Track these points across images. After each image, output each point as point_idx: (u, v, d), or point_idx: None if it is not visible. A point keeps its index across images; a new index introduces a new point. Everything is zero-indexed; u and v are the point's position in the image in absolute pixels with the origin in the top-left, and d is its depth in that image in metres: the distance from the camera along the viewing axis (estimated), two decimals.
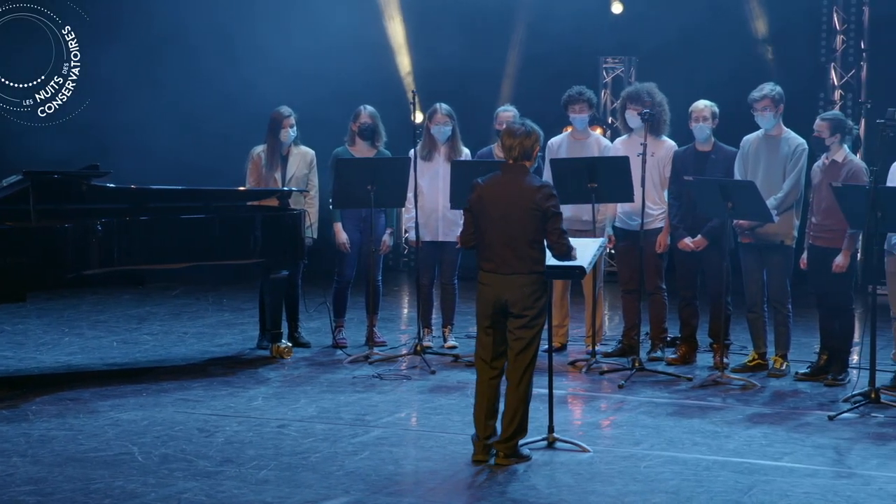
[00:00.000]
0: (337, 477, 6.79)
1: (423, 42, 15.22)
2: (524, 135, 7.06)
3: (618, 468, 6.98)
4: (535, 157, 7.15)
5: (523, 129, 7.09)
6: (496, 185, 7.07)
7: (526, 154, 7.07)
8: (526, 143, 7.05)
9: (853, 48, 14.48)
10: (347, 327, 10.68)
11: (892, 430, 7.82)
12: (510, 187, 7.01)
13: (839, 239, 8.97)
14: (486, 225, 7.06)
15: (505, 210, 6.98)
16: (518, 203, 6.95)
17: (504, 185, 7.04)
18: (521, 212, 6.94)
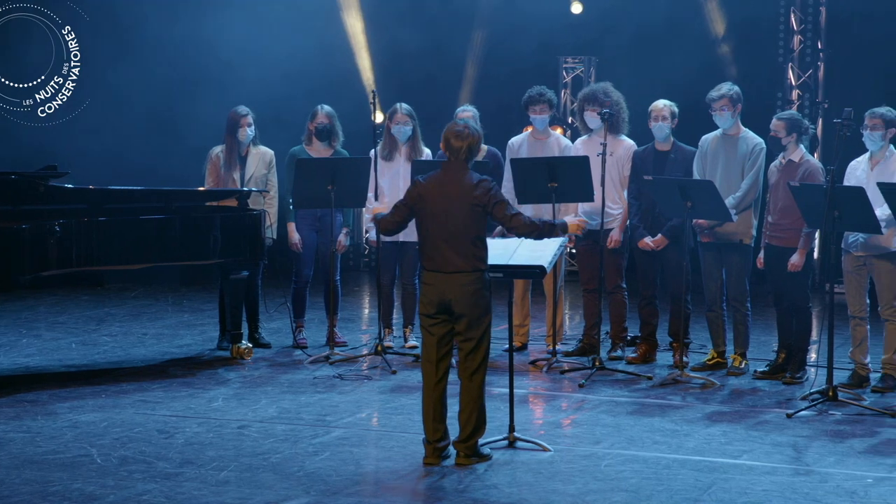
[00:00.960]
0: (297, 477, 6.78)
1: (383, 42, 15.19)
2: (470, 136, 7.07)
3: (578, 467, 7.00)
4: (474, 158, 7.16)
5: (468, 130, 7.09)
6: (437, 183, 7.08)
7: (471, 155, 7.10)
8: (473, 145, 7.07)
9: (810, 48, 14.57)
10: (308, 328, 10.67)
11: (850, 428, 7.89)
12: (450, 186, 7.02)
13: (795, 238, 9.04)
14: (427, 223, 7.07)
15: (446, 208, 6.99)
16: (458, 201, 6.97)
17: (444, 184, 7.05)
18: (462, 209, 6.96)
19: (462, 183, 7.00)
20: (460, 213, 6.95)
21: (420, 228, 7.16)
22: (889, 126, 8.76)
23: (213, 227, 9.58)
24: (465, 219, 6.95)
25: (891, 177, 8.66)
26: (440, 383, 7.09)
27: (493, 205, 6.96)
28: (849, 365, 9.11)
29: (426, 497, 6.60)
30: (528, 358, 10.00)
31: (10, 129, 14.00)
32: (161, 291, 13.32)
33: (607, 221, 9.66)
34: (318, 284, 10.71)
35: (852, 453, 7.33)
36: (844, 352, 9.19)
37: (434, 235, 7.03)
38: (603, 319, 10.00)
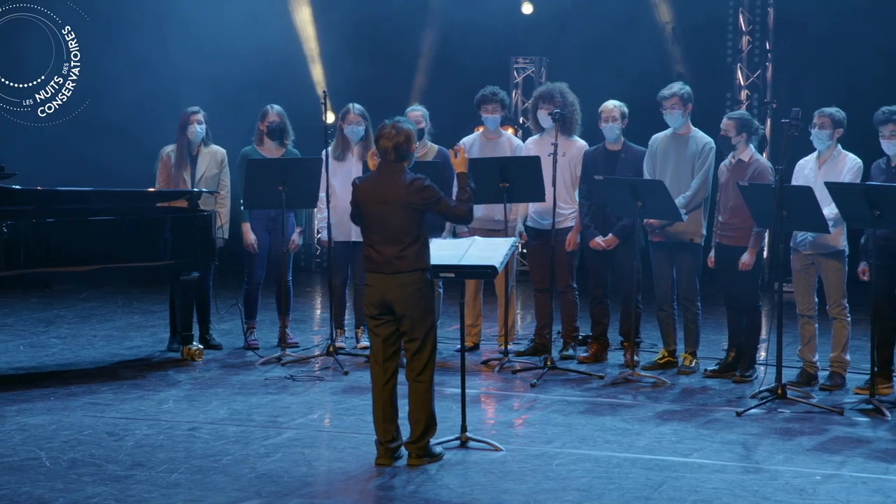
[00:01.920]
0: (249, 479, 6.75)
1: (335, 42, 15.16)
2: (396, 135, 7.04)
3: (530, 466, 7.02)
4: (411, 157, 7.12)
5: (394, 129, 7.06)
6: (371, 184, 7.08)
7: (402, 155, 7.06)
8: (400, 144, 7.05)
9: (759, 49, 14.68)
10: (259, 329, 10.63)
11: (798, 426, 7.95)
12: (385, 187, 7.01)
13: (745, 237, 9.10)
14: (366, 225, 7.07)
15: (382, 209, 6.99)
16: (393, 201, 6.96)
17: (379, 185, 7.04)
18: (398, 210, 6.96)
19: (396, 183, 6.99)
20: (396, 214, 6.95)
21: (360, 230, 7.17)
22: (837, 126, 8.84)
23: (163, 228, 9.53)
24: (402, 219, 6.95)
25: (838, 176, 8.74)
26: (388, 384, 7.08)
27: (429, 202, 6.97)
28: (797, 363, 9.19)
29: (378, 498, 6.60)
30: (481, 358, 10.01)
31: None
32: (111, 293, 13.23)
33: (558, 221, 9.69)
34: (270, 285, 10.67)
35: (801, 451, 7.39)
36: (793, 350, 9.26)
37: (373, 237, 7.03)
38: (554, 319, 10.03)
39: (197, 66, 14.10)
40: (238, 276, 10.60)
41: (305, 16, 15.38)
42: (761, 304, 9.55)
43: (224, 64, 14.06)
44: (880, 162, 8.73)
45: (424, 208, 6.98)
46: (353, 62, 14.69)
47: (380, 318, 7.06)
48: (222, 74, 13.96)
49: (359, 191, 7.12)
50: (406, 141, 7.05)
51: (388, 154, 7.05)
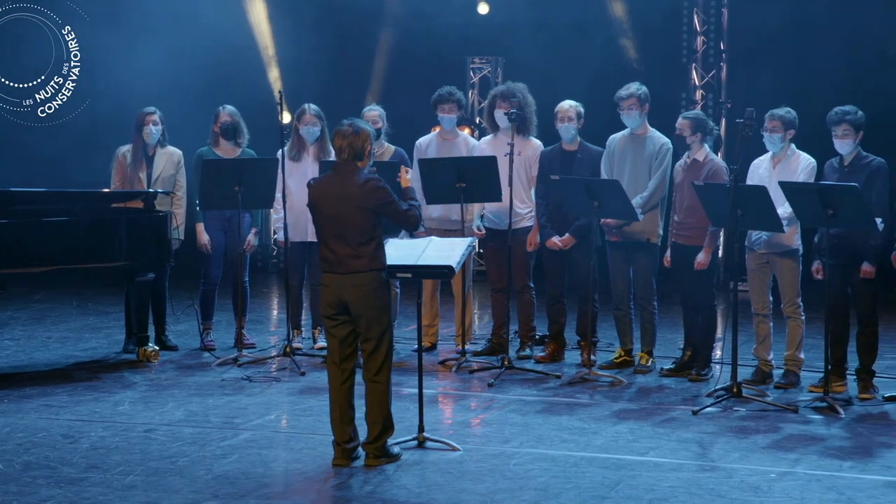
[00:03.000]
0: (205, 481, 6.72)
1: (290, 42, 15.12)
2: (353, 134, 7.03)
3: (487, 466, 7.02)
4: (367, 156, 7.11)
5: (351, 128, 7.05)
6: (326, 185, 7.07)
7: (357, 154, 7.04)
8: (355, 143, 7.03)
9: (713, 49, 14.77)
10: (215, 329, 10.59)
11: (754, 424, 8.00)
12: (340, 187, 7.00)
13: (701, 237, 9.15)
14: (321, 225, 7.06)
15: (337, 210, 6.97)
16: (348, 202, 6.95)
17: (334, 186, 7.03)
18: (352, 211, 6.95)
19: (350, 183, 6.98)
20: (350, 214, 6.94)
21: (316, 231, 7.16)
22: (788, 127, 8.91)
23: (118, 228, 9.47)
24: (356, 219, 6.94)
25: (792, 175, 8.80)
26: (345, 384, 7.07)
27: (381, 205, 6.97)
28: (752, 362, 9.25)
29: (335, 498, 6.58)
30: (438, 358, 10.01)
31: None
32: (65, 294, 13.14)
33: (515, 221, 9.71)
34: (226, 286, 10.63)
35: (756, 449, 7.43)
36: (748, 349, 9.32)
37: (328, 237, 7.02)
38: (511, 319, 10.05)
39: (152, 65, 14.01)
40: (194, 277, 10.56)
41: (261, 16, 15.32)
42: (717, 303, 9.61)
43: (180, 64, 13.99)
44: (833, 161, 8.80)
45: (377, 210, 6.97)
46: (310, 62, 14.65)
47: (336, 319, 7.05)
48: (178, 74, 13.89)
49: (313, 191, 7.10)
50: (362, 141, 7.04)
51: (342, 153, 7.03)
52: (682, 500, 6.45)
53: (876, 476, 6.88)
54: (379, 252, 7.03)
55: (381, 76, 15.37)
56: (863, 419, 8.16)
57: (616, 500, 6.45)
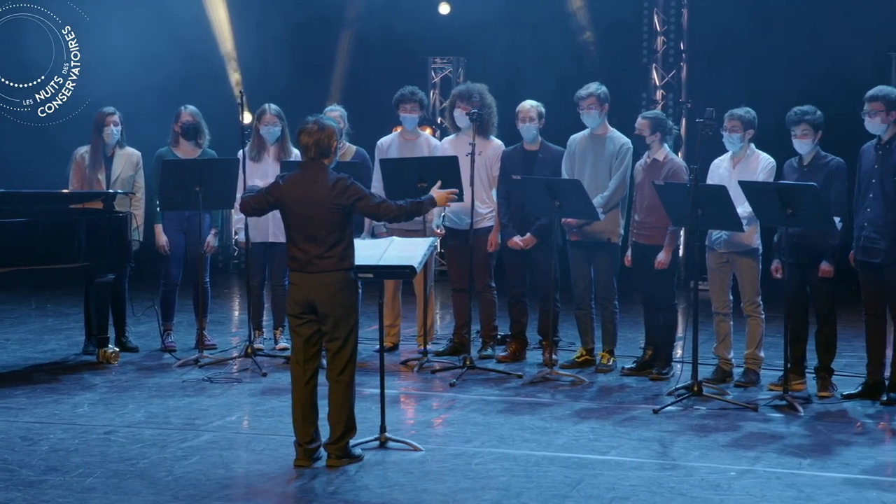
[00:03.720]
0: (166, 483, 6.69)
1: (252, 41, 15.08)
2: (318, 131, 7.01)
3: (449, 466, 7.03)
4: (333, 153, 7.09)
5: (317, 125, 7.03)
6: (294, 184, 7.05)
7: (323, 151, 7.02)
8: (322, 140, 7.01)
9: (673, 49, 14.84)
10: (176, 331, 10.55)
11: (714, 422, 8.04)
12: (308, 186, 6.98)
13: (661, 236, 9.19)
14: (290, 224, 7.04)
15: (305, 209, 6.95)
16: (316, 201, 6.93)
17: (302, 184, 7.01)
18: (321, 210, 6.92)
19: (319, 183, 6.96)
20: (319, 214, 6.92)
21: (285, 229, 7.14)
22: (747, 127, 8.95)
23: (77, 229, 9.41)
24: (325, 219, 6.92)
25: (752, 175, 8.85)
26: (309, 384, 7.06)
27: (353, 202, 6.94)
28: (713, 360, 9.29)
29: (297, 500, 6.56)
30: (400, 358, 10.01)
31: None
32: (24, 295, 13.04)
33: (476, 221, 9.72)
34: (187, 287, 10.58)
35: (716, 447, 7.47)
36: (709, 348, 9.37)
37: (297, 236, 7.00)
38: (473, 318, 10.06)
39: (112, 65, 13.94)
40: (154, 278, 10.51)
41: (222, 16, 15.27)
42: (677, 302, 9.65)
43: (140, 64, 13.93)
44: (792, 161, 8.85)
45: (350, 208, 6.95)
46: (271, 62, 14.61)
47: (302, 318, 7.03)
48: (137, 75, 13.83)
49: (282, 190, 7.07)
50: (328, 137, 7.02)
51: (309, 150, 7.01)
52: (643, 498, 6.47)
53: (835, 473, 6.93)
54: (348, 252, 7.02)
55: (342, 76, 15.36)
56: (822, 417, 8.22)
57: (577, 499, 6.47)
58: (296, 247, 7.01)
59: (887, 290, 8.47)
